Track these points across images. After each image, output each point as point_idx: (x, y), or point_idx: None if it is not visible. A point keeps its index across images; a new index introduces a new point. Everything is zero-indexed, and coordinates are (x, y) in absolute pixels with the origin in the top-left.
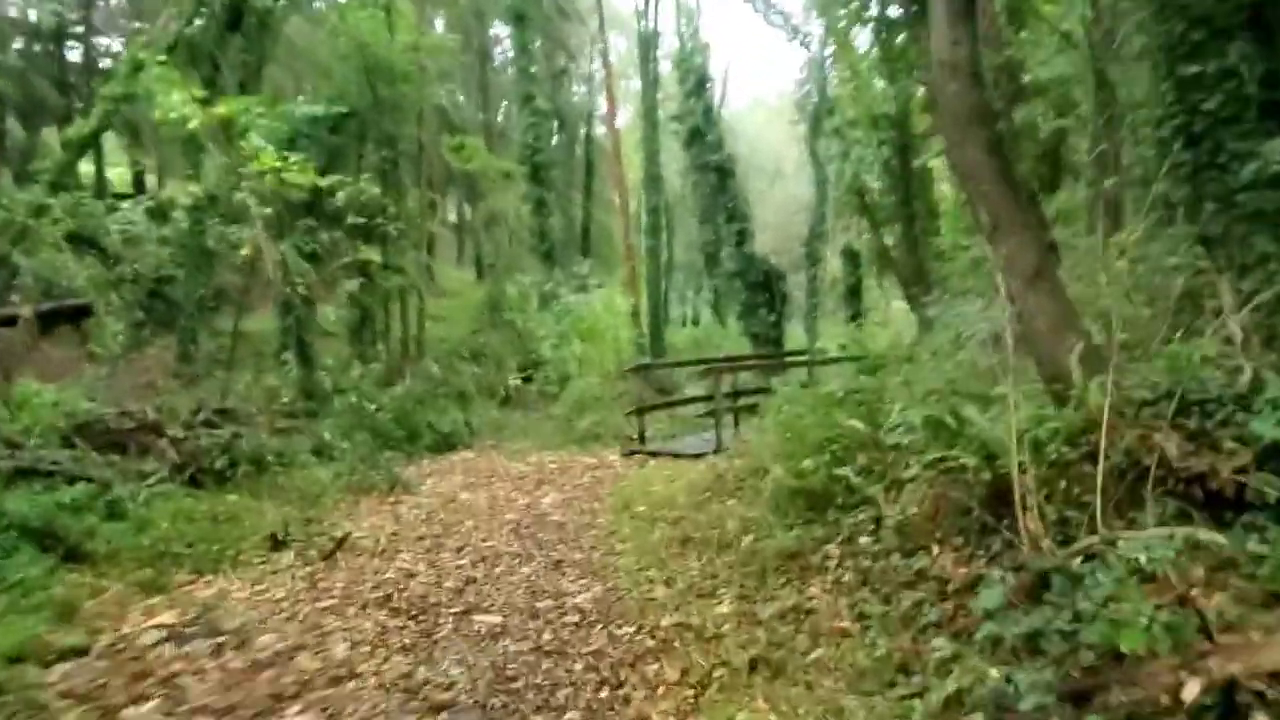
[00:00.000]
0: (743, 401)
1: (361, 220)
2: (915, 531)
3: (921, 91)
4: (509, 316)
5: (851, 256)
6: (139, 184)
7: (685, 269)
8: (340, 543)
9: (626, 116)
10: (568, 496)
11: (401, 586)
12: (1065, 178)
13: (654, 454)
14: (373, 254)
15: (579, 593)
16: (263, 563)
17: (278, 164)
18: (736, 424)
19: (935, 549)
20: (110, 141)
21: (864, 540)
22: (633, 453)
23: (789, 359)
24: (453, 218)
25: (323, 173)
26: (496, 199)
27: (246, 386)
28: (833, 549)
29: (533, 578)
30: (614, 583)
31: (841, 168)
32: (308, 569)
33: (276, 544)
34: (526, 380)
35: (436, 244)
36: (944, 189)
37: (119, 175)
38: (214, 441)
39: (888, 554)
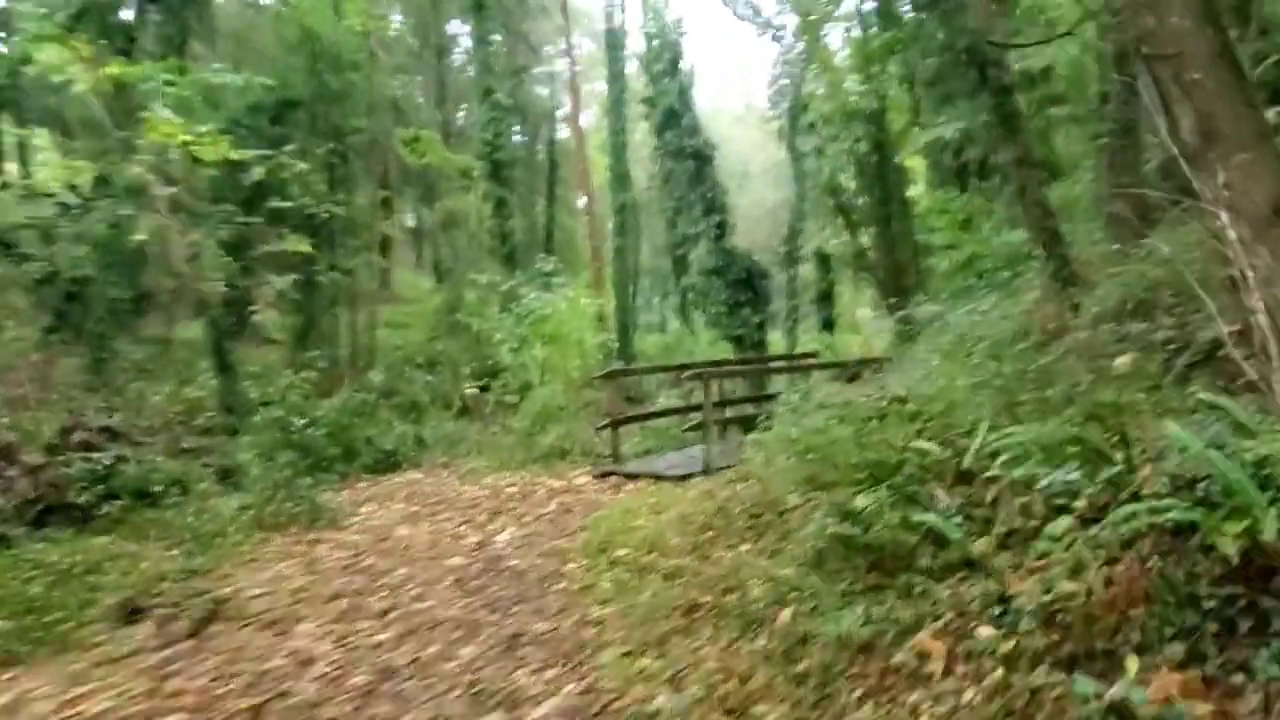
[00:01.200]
0: (730, 413)
1: (288, 204)
2: (1081, 625)
3: (894, 91)
4: (466, 321)
5: (823, 260)
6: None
7: (650, 274)
8: (216, 609)
9: (592, 117)
10: (529, 532)
11: (285, 688)
12: None
13: (632, 475)
14: (301, 245)
15: (543, 697)
16: (104, 643)
17: (186, 137)
18: (722, 439)
19: (1132, 660)
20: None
21: (984, 632)
22: (606, 474)
23: (788, 363)
24: (411, 223)
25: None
26: (455, 199)
27: (167, 399)
28: (930, 642)
29: (478, 667)
30: (594, 679)
31: (818, 165)
32: (163, 653)
33: (132, 612)
34: (484, 389)
35: (394, 248)
36: (919, 187)
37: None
38: (88, 468)
39: (1033, 660)
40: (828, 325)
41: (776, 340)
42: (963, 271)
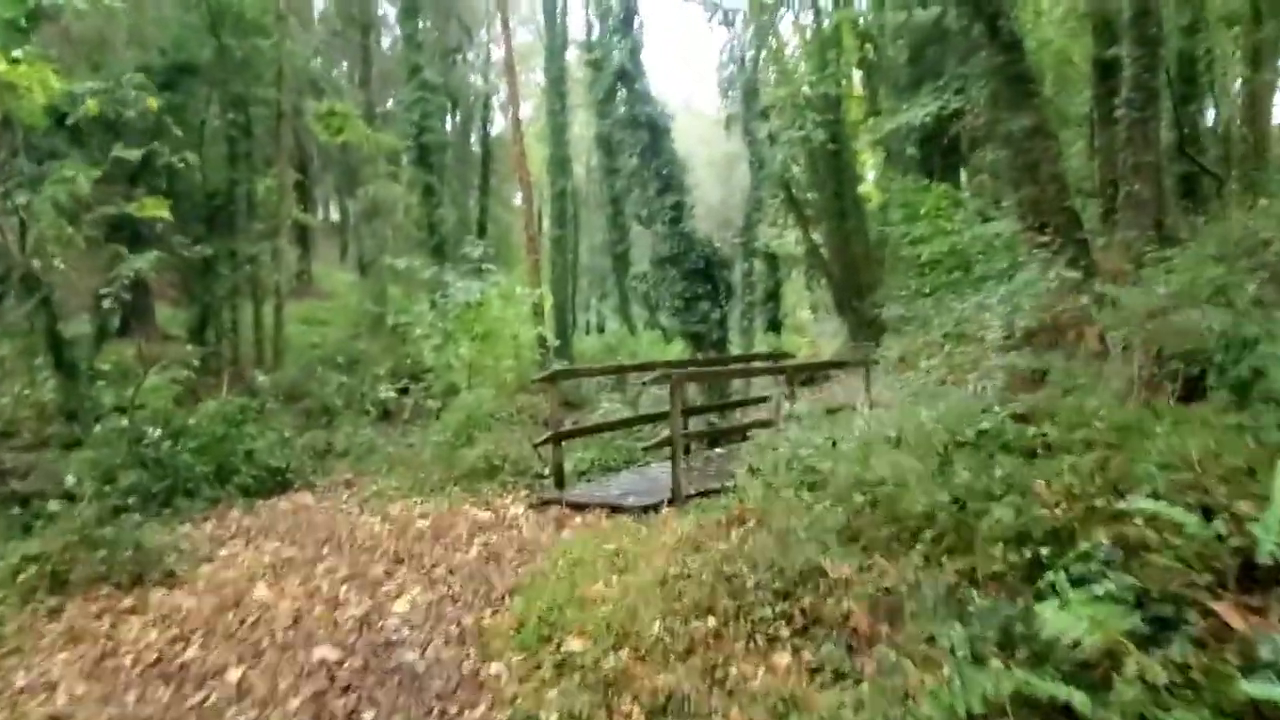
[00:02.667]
0: (694, 424)
1: (137, 153)
2: None
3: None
4: (391, 318)
5: (769, 259)
6: None
7: (587, 273)
8: None
9: (530, 110)
10: (439, 596)
11: None
12: None
13: (579, 505)
14: (159, 209)
15: None
16: None
17: None
18: (688, 455)
19: None
20: None
21: None
22: (547, 502)
23: (772, 363)
24: (335, 215)
25: (154, 137)
26: (380, 187)
27: (15, 402)
28: None
29: None
30: None
31: (771, 155)
32: None
33: None
34: (403, 392)
35: (316, 242)
36: (868, 183)
37: None
38: None
39: None
40: (774, 326)
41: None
42: (945, 264)
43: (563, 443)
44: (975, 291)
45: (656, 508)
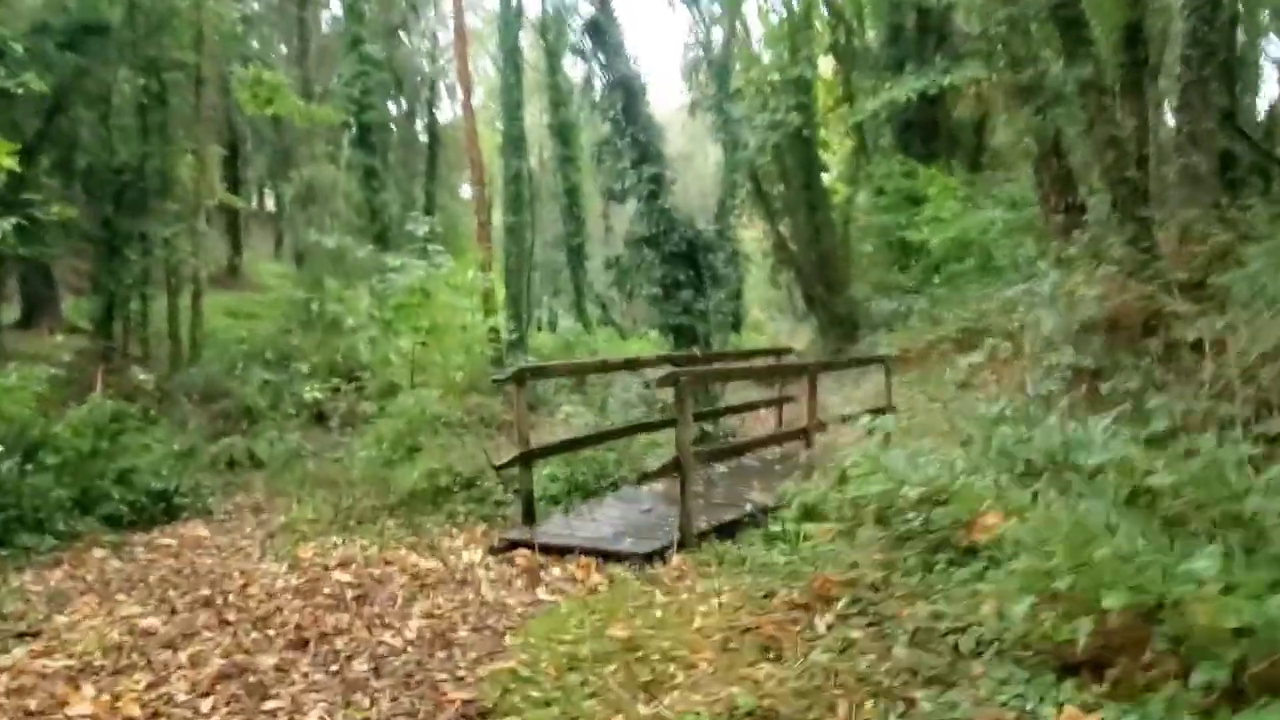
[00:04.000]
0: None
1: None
2: None
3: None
4: (324, 309)
5: (733, 254)
6: None
7: (538, 268)
8: None
9: (481, 98)
10: None
11: None
12: None
13: (557, 549)
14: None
15: None
16: None
17: None
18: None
19: None
20: None
21: None
22: (513, 544)
23: (766, 361)
24: (270, 204)
25: (55, 105)
26: (317, 169)
27: None
28: None
29: None
30: None
31: (743, 137)
32: None
33: None
34: (336, 392)
35: (250, 231)
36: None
37: None
38: None
39: None
40: (735, 324)
41: None
42: (952, 253)
43: (533, 463)
44: (995, 281)
45: (662, 554)
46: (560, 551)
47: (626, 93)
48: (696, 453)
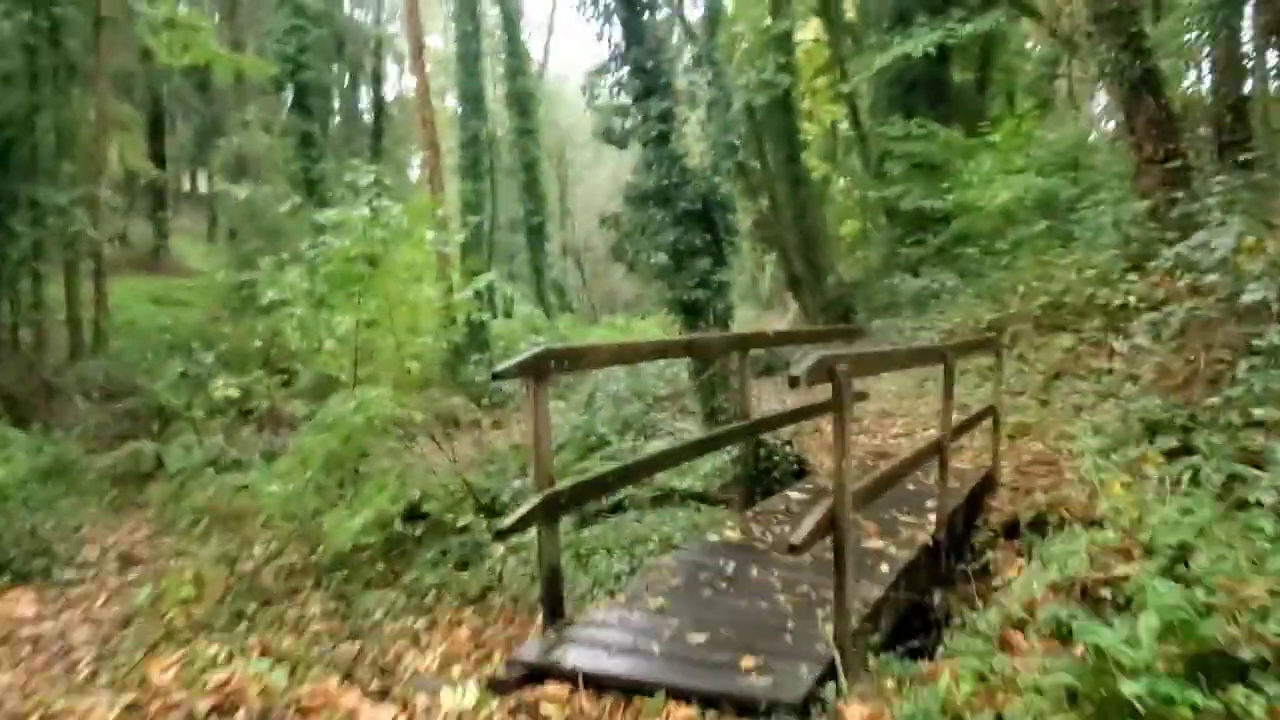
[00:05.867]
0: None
1: None
2: None
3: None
4: (254, 292)
5: None
6: None
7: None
8: None
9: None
10: None
11: None
12: None
13: (614, 686)
14: None
15: None
16: None
17: None
18: (841, 546)
19: None
20: None
21: None
22: (532, 673)
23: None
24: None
25: None
26: (247, 138)
27: None
28: None
29: None
30: None
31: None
32: None
33: None
34: (255, 388)
35: (181, 213)
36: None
37: None
38: None
39: None
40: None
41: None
42: (1019, 216)
43: (560, 518)
44: (1055, 247)
45: (818, 697)
46: (623, 689)
47: (628, 8)
48: (857, 491)
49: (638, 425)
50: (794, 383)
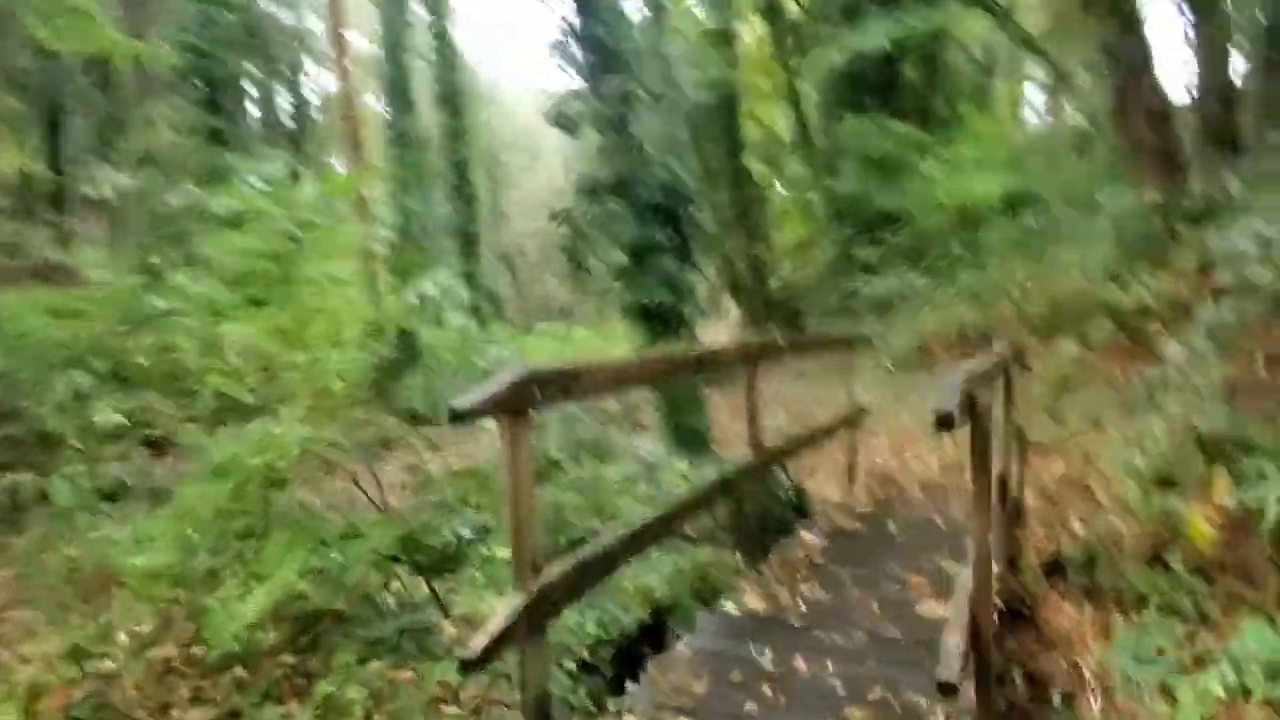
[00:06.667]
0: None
1: None
2: None
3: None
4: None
5: None
6: None
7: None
8: None
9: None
10: None
11: None
12: None
13: None
14: None
15: None
16: None
17: None
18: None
19: None
20: None
21: None
22: None
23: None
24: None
25: None
26: (151, 135)
27: None
28: None
29: None
30: None
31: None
32: None
33: None
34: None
35: (88, 221)
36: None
37: None
38: None
39: None
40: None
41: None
42: (966, 222)
43: (548, 620)
44: (1051, 246)
45: None
46: None
47: None
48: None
49: (593, 446)
50: (948, 423)
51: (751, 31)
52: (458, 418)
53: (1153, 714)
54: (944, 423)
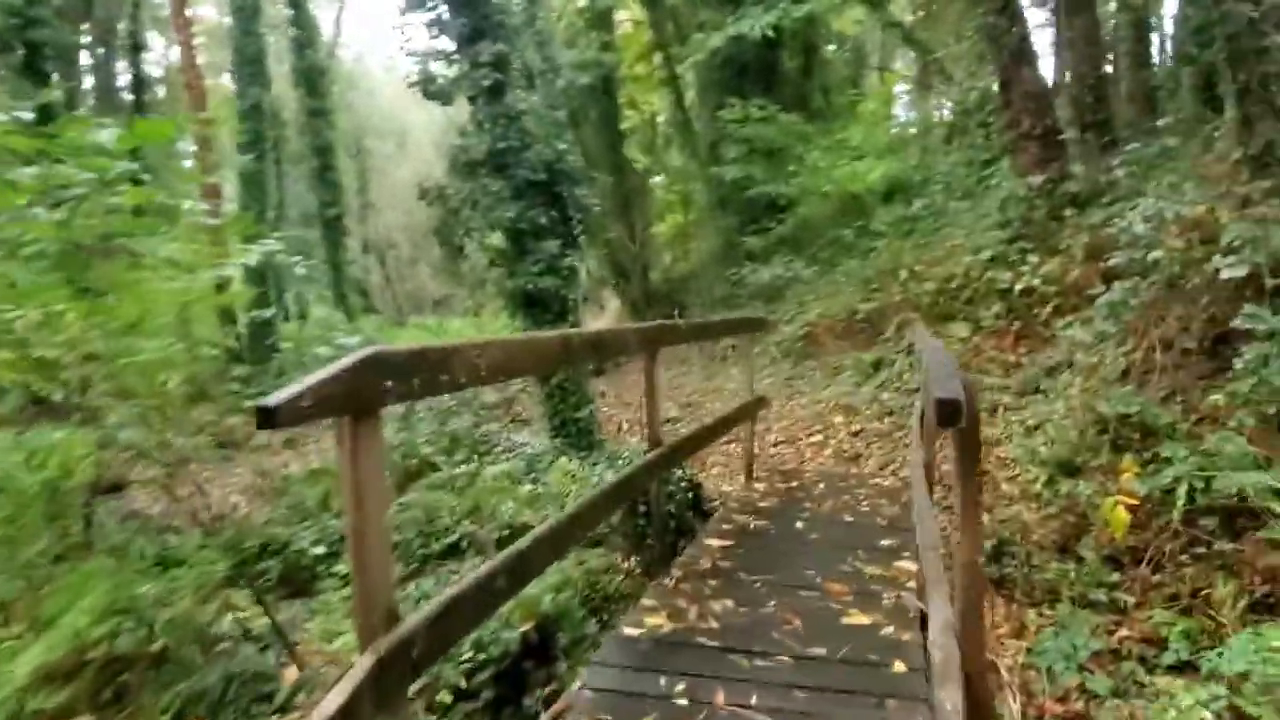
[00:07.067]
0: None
1: None
2: None
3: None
4: None
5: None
6: None
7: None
8: None
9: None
10: None
11: None
12: None
13: None
14: None
15: None
16: None
17: None
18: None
19: None
20: None
21: None
22: None
23: None
24: None
25: None
26: None
27: None
28: None
29: None
30: None
31: (555, 71)
32: None
33: None
34: None
35: None
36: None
37: None
38: None
39: None
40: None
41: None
42: (848, 208)
43: (409, 685)
44: (938, 231)
45: None
46: None
47: None
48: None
49: (469, 442)
50: (953, 419)
51: (630, 15)
52: (270, 421)
53: (1076, 713)
54: (949, 414)
